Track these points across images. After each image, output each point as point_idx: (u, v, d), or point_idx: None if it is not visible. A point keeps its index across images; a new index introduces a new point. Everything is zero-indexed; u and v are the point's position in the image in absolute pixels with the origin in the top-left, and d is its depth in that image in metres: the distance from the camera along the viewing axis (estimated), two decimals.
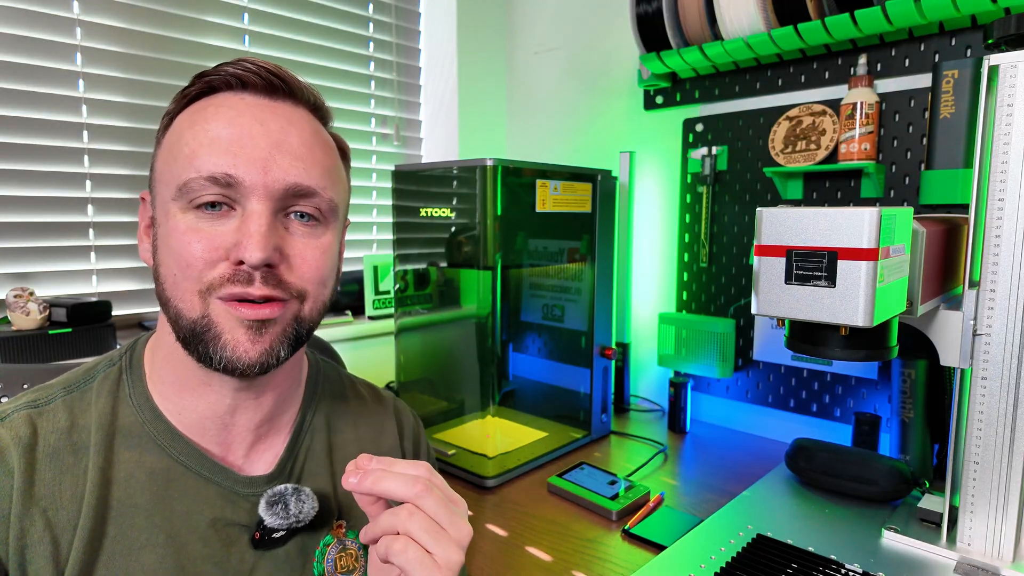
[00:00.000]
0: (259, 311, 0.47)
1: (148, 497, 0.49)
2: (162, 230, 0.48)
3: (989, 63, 0.69)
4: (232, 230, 0.46)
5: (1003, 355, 0.71)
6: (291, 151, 0.48)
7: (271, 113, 0.49)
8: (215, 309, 0.47)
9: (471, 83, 1.71)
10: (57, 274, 1.18)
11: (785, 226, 0.64)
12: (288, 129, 0.49)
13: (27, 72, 1.11)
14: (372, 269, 1.50)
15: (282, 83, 0.50)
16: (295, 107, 0.51)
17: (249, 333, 0.47)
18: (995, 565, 0.72)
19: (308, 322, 0.51)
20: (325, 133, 0.54)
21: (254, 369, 0.48)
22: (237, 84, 0.49)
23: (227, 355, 0.47)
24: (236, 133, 0.47)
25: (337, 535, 0.57)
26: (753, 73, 1.26)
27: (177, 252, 0.46)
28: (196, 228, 0.46)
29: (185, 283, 0.47)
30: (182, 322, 0.47)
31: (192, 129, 0.48)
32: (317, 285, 0.51)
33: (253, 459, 0.56)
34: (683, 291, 1.39)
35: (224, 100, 0.49)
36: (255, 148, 0.47)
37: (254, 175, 0.46)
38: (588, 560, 0.82)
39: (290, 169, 0.48)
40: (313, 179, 0.49)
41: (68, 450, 0.48)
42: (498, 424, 1.07)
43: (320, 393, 0.63)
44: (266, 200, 0.47)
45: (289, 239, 0.49)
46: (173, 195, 0.47)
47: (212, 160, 0.46)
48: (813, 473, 0.96)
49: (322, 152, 0.51)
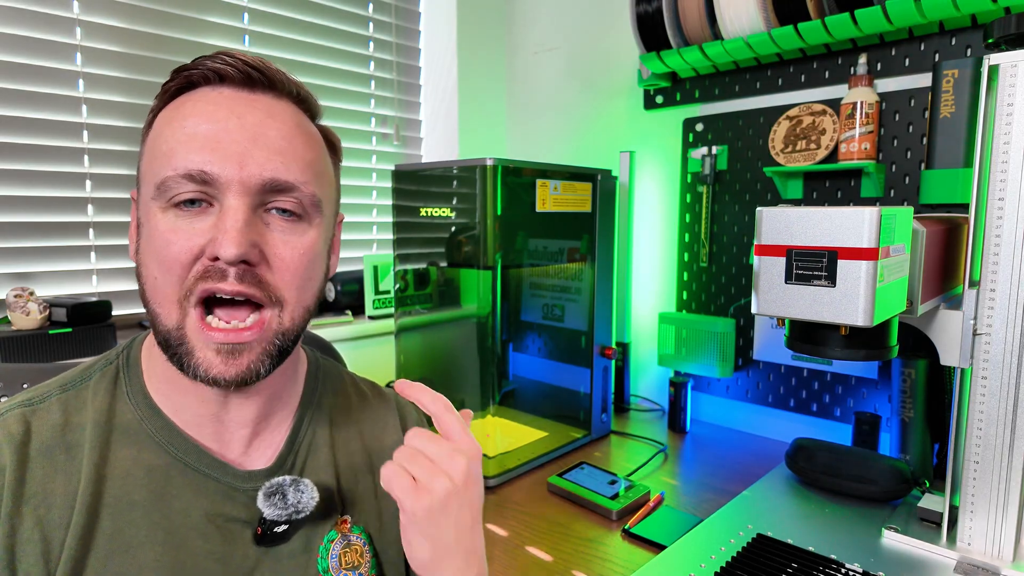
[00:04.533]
0: (237, 335, 0.47)
1: (146, 494, 0.49)
2: (144, 230, 0.48)
3: (989, 63, 0.69)
4: (209, 227, 0.46)
5: (1003, 355, 0.71)
6: (269, 144, 0.47)
7: (249, 106, 0.48)
8: (190, 323, 0.46)
9: (471, 83, 1.71)
10: (57, 274, 1.18)
11: (785, 226, 0.64)
12: (266, 122, 0.48)
13: (27, 72, 1.12)
14: (372, 269, 1.50)
15: (261, 75, 0.49)
16: (276, 99, 0.50)
17: (220, 356, 0.46)
18: (995, 565, 0.72)
19: (292, 333, 0.50)
20: (310, 125, 0.52)
21: (231, 387, 0.47)
22: (215, 78, 0.49)
23: (201, 373, 0.46)
24: (212, 128, 0.46)
25: (341, 530, 0.57)
26: (753, 73, 1.26)
27: (157, 252, 0.46)
28: (175, 228, 0.46)
29: (165, 288, 0.46)
30: (159, 327, 0.47)
31: (170, 126, 0.47)
32: (296, 290, 0.49)
33: (252, 455, 0.55)
34: (683, 291, 1.39)
35: (202, 95, 0.48)
36: (231, 143, 0.46)
37: (230, 170, 0.46)
38: (588, 560, 0.82)
39: (267, 164, 0.47)
40: (292, 174, 0.48)
41: (61, 448, 0.48)
42: (498, 424, 1.07)
43: (320, 389, 0.62)
44: (243, 195, 0.46)
45: (269, 236, 0.48)
46: (153, 194, 0.46)
47: (188, 157, 0.45)
48: (813, 473, 0.96)
49: (304, 145, 0.50)
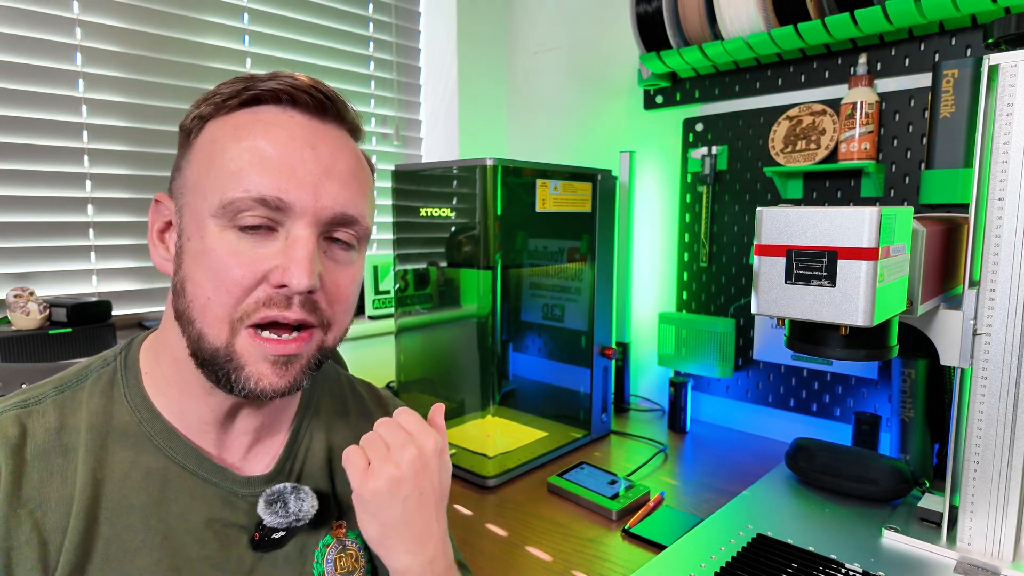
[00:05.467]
0: (286, 347, 0.47)
1: (144, 498, 0.49)
2: (194, 245, 0.47)
3: (989, 63, 0.69)
4: (275, 253, 0.46)
5: (1003, 355, 0.71)
6: (339, 178, 0.48)
7: (321, 137, 0.48)
8: (241, 342, 0.46)
9: (471, 83, 1.71)
10: (57, 274, 1.18)
11: (785, 226, 0.64)
12: (336, 155, 0.49)
13: (27, 72, 1.12)
14: (372, 269, 1.50)
15: (332, 105, 0.50)
16: (339, 129, 0.51)
17: (275, 368, 0.47)
18: (995, 565, 0.72)
19: (330, 351, 0.52)
20: (362, 156, 0.54)
21: (277, 397, 0.48)
22: (287, 100, 0.48)
23: (251, 386, 0.47)
24: (288, 156, 0.46)
25: (337, 535, 0.57)
26: (753, 73, 1.26)
27: (215, 273, 0.45)
28: (237, 251, 0.45)
29: (218, 309, 0.46)
30: (204, 345, 0.47)
31: (238, 145, 0.46)
32: (344, 313, 0.51)
33: (251, 460, 0.55)
34: (683, 291, 1.39)
35: (273, 117, 0.48)
36: (306, 173, 0.46)
37: (305, 200, 0.46)
38: (588, 560, 0.82)
39: (338, 197, 0.48)
40: (359, 208, 0.49)
41: (57, 451, 0.47)
42: (498, 424, 1.07)
43: (319, 394, 0.63)
44: (313, 226, 0.47)
45: (325, 263, 0.49)
46: (214, 211, 0.45)
47: (263, 182, 0.45)
48: (813, 473, 0.96)
49: (365, 179, 0.52)
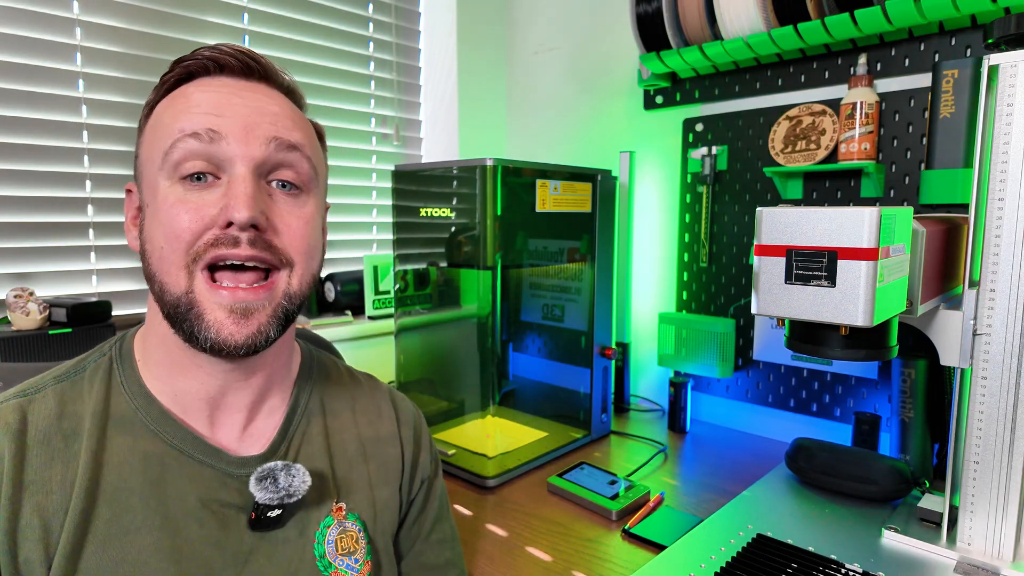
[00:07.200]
0: (245, 295, 0.48)
1: (142, 480, 0.50)
2: (150, 209, 0.49)
3: (989, 63, 0.69)
4: (218, 197, 0.48)
5: (1003, 355, 0.71)
6: (270, 114, 0.51)
7: (249, 91, 0.51)
8: (199, 287, 0.48)
9: (471, 83, 1.71)
10: (57, 274, 1.18)
11: (785, 226, 0.64)
12: (265, 101, 0.51)
13: (27, 72, 1.12)
14: (372, 269, 1.50)
15: (258, 65, 0.52)
16: (270, 88, 0.53)
17: (233, 316, 0.48)
18: (995, 565, 0.72)
19: (298, 296, 0.53)
20: (300, 112, 0.56)
21: (240, 351, 0.49)
22: (215, 68, 0.51)
23: (211, 336, 0.48)
24: (216, 100, 0.49)
25: (337, 517, 0.57)
26: (753, 73, 1.26)
27: (165, 224, 0.47)
28: (183, 200, 0.48)
29: (172, 256, 0.47)
30: (166, 297, 0.48)
31: (174, 107, 0.50)
32: (304, 255, 0.52)
33: (246, 442, 0.56)
34: (683, 291, 1.39)
35: (203, 82, 0.51)
36: (235, 112, 0.49)
37: (236, 132, 0.48)
38: (588, 560, 0.82)
39: (270, 128, 0.50)
40: (295, 136, 0.51)
41: (58, 436, 0.49)
42: (498, 424, 1.07)
43: (315, 377, 0.63)
44: (249, 163, 0.48)
45: (273, 207, 0.50)
46: (159, 166, 0.48)
47: (195, 119, 0.48)
48: (813, 473, 0.96)
49: (303, 123, 0.54)
